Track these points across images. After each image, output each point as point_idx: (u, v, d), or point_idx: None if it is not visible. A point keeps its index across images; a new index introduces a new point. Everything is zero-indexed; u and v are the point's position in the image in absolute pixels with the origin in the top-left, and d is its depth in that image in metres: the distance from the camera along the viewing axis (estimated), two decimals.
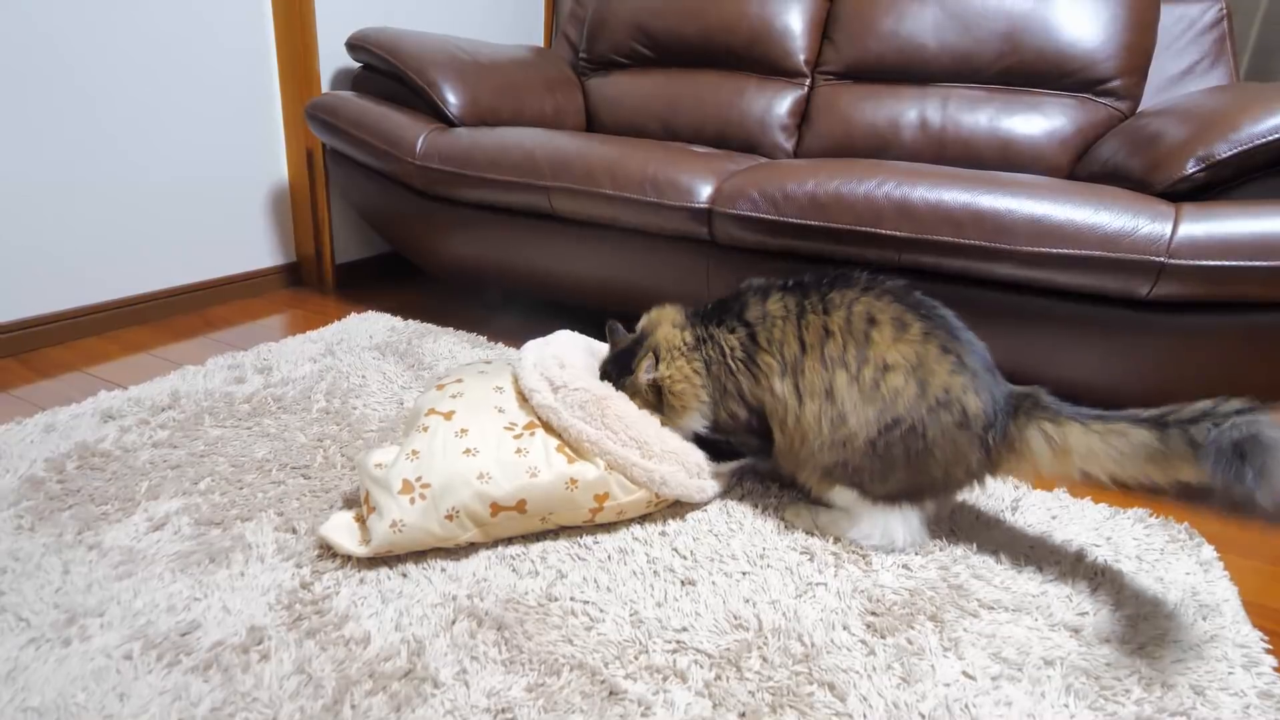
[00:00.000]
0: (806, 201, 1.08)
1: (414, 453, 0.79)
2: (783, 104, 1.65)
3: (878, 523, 0.82)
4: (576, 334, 1.01)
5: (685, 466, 0.86)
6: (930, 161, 1.51)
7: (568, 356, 0.90)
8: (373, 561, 0.77)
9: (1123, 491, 1.03)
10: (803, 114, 1.66)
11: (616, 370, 0.90)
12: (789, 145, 1.65)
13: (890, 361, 0.78)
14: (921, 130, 1.50)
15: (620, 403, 0.86)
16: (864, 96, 1.57)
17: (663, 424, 0.87)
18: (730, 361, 0.86)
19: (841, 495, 0.83)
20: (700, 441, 0.89)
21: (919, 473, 0.78)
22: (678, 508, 0.90)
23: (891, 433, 0.77)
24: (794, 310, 0.84)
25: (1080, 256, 0.95)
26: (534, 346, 0.93)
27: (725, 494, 0.94)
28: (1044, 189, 1.00)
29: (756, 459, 0.92)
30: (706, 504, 0.90)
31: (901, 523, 0.82)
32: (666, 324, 0.91)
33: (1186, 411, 0.68)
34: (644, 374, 0.87)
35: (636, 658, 0.67)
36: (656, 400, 0.88)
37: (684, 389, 0.87)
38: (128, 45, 1.36)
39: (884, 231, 1.04)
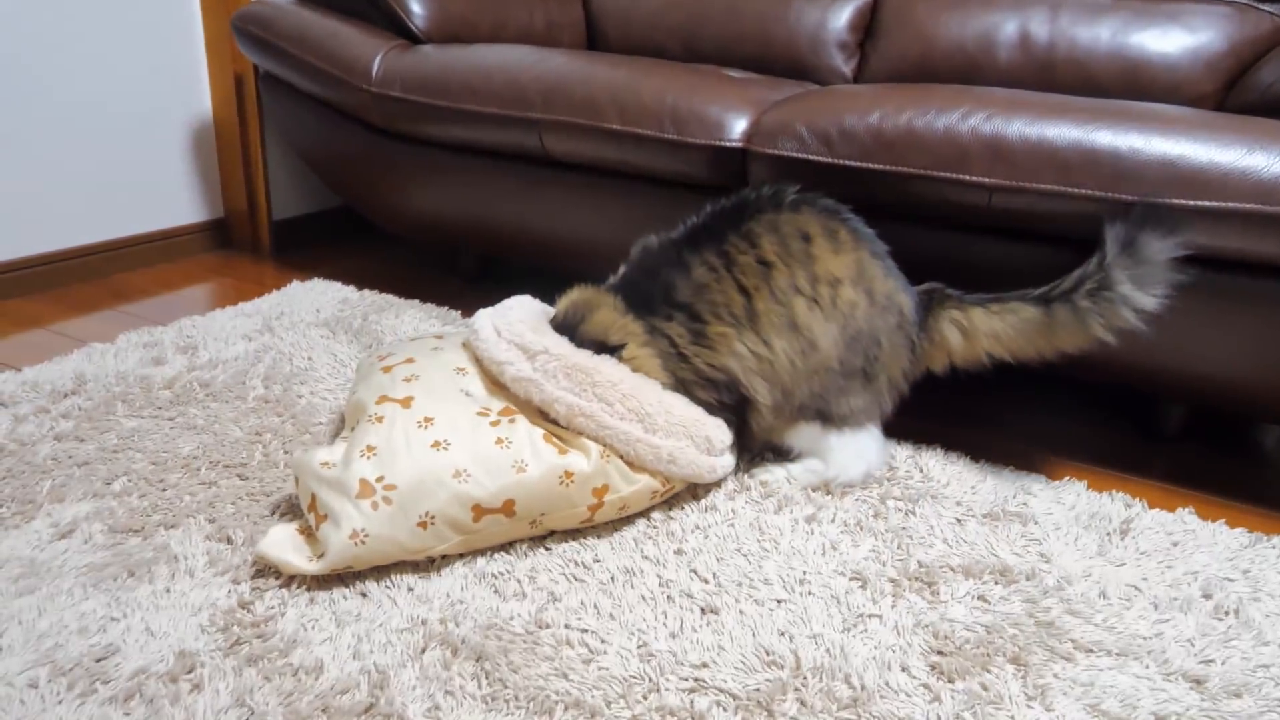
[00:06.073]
0: (870, 139, 1.12)
1: (369, 449, 0.85)
2: (841, 14, 1.68)
3: (848, 447, 1.00)
4: (536, 301, 1.08)
5: (694, 440, 0.93)
6: (1033, 90, 1.53)
7: (535, 321, 0.97)
8: (325, 579, 0.84)
9: (1265, 514, 1.06)
10: (867, 28, 1.69)
11: None
12: (848, 69, 1.69)
13: (838, 274, 0.99)
14: (1022, 49, 1.53)
15: (609, 367, 0.93)
16: (948, 4, 1.60)
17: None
18: (682, 350, 1.01)
19: (806, 434, 1.01)
20: None
21: (873, 380, 1.00)
22: (695, 517, 0.95)
23: (855, 346, 0.98)
24: (722, 266, 1.00)
25: (1225, 210, 0.97)
26: (490, 314, 1.00)
27: (759, 504, 0.99)
28: (1179, 123, 1.02)
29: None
30: (719, 482, 1.00)
31: (872, 441, 1.02)
32: (605, 308, 1.01)
33: (1066, 283, 0.98)
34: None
35: (645, 697, 0.72)
36: None
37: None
38: None
39: (970, 178, 1.07)
